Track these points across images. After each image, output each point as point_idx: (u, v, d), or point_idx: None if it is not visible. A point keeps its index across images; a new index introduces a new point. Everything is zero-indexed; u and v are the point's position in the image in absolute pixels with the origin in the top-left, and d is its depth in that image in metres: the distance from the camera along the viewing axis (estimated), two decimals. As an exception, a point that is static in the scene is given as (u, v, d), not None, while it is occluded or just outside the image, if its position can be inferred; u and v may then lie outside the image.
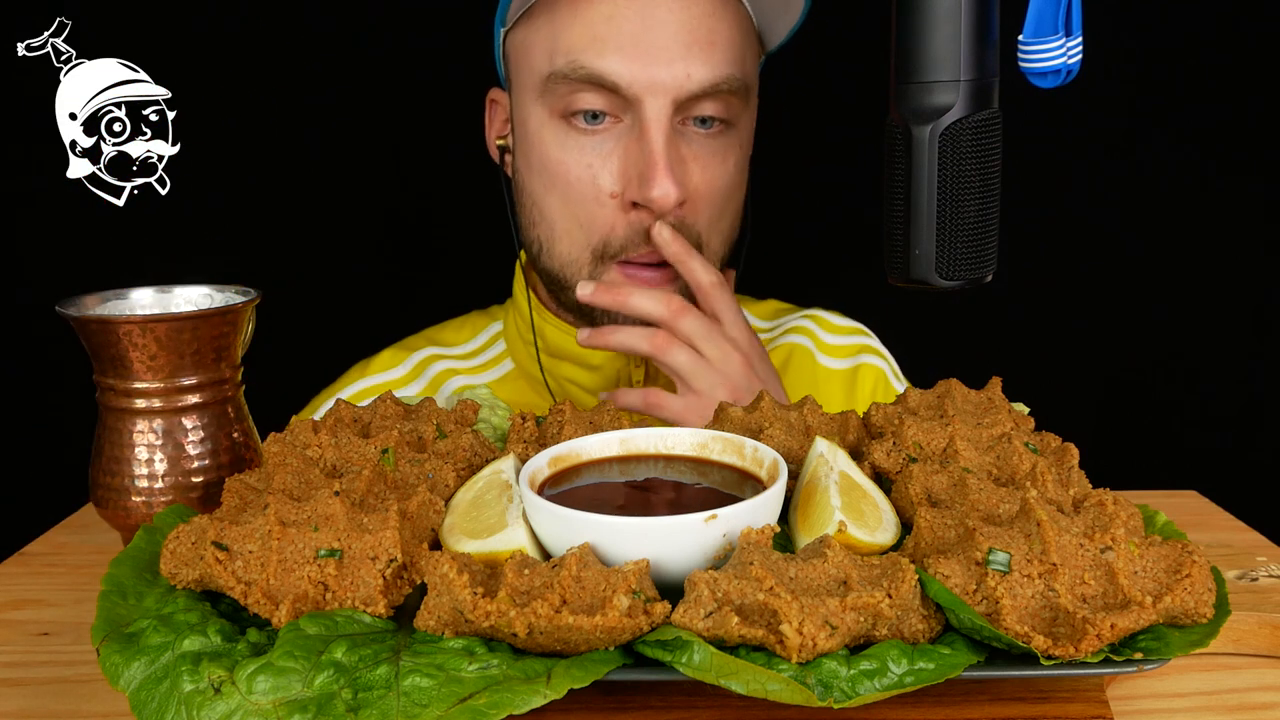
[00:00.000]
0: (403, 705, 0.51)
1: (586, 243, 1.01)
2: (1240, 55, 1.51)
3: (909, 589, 0.55)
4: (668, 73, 0.95)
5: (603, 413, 0.82)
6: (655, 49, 0.95)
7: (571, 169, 1.00)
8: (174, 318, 0.69)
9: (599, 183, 0.99)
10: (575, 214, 1.01)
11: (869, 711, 0.55)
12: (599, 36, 0.96)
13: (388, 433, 0.75)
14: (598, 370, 1.06)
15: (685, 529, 0.59)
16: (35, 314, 1.10)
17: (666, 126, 0.96)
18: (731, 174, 1.02)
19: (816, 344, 1.16)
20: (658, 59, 0.95)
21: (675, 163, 0.97)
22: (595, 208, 0.99)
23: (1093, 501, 0.63)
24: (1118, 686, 0.63)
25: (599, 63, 0.96)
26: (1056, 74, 0.70)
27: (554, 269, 1.04)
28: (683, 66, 0.95)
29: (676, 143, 0.98)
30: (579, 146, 0.99)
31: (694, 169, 0.99)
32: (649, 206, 0.97)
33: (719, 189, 1.01)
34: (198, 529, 0.61)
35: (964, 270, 0.73)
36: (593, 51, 0.96)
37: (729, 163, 1.01)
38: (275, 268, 1.48)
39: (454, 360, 1.16)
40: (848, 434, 0.80)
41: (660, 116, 0.96)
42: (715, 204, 1.01)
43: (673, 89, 0.96)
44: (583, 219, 1.01)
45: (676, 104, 0.96)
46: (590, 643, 0.54)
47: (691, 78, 0.96)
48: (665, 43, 0.95)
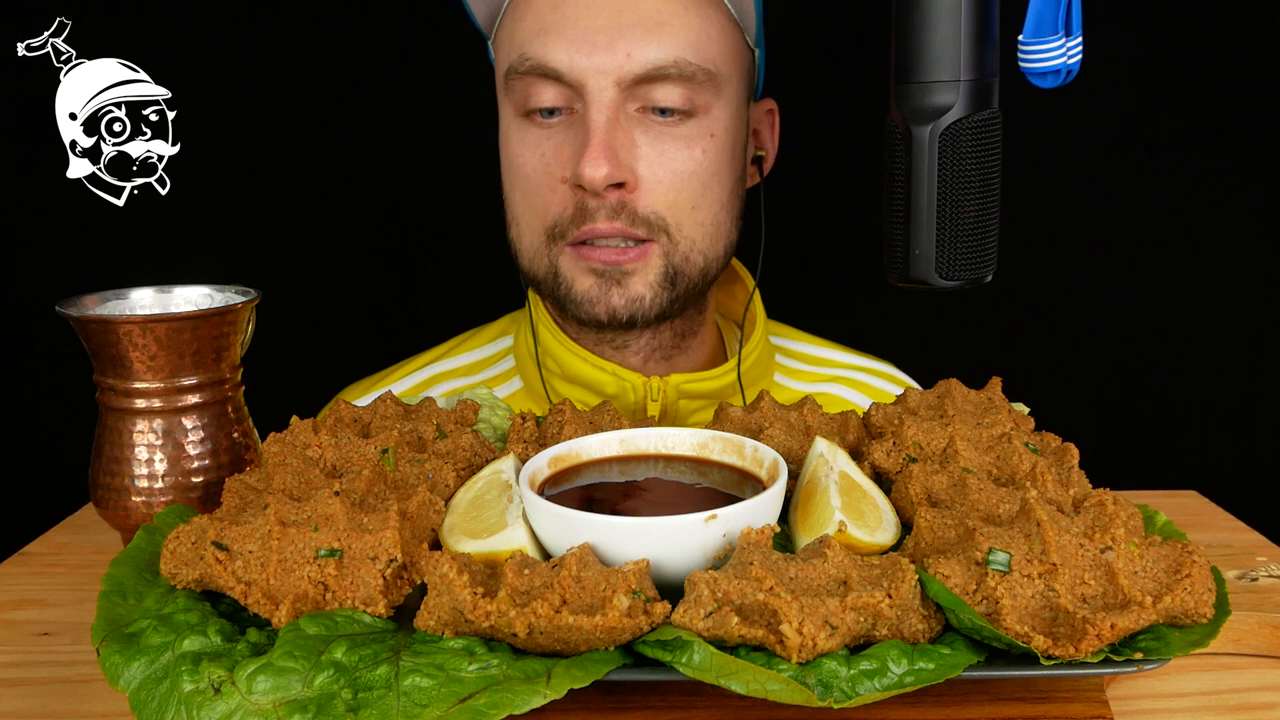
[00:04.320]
0: (403, 705, 0.51)
1: (541, 227, 1.00)
2: (1240, 55, 1.51)
3: (909, 589, 0.55)
4: (608, 55, 0.94)
5: (603, 413, 0.82)
6: (595, 31, 0.94)
7: (529, 161, 0.99)
8: (174, 318, 0.69)
9: (550, 170, 0.98)
10: (533, 205, 1.00)
11: (869, 711, 0.55)
12: (544, 26, 0.96)
13: (388, 433, 0.75)
14: (613, 400, 1.03)
15: (685, 529, 0.59)
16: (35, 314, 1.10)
17: (608, 107, 0.95)
18: (700, 161, 0.98)
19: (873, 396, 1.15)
20: (597, 43, 0.94)
21: (621, 144, 0.95)
22: (549, 194, 0.99)
23: (1093, 501, 0.63)
24: (1118, 686, 0.63)
25: (540, 51, 0.96)
26: (1056, 74, 0.70)
27: (525, 266, 1.03)
28: (623, 47, 0.94)
29: (627, 128, 0.96)
30: (534, 140, 0.99)
31: (650, 154, 0.97)
32: (582, 184, 0.95)
33: (684, 175, 0.98)
34: (198, 529, 0.61)
35: (964, 270, 0.73)
36: (538, 42, 0.96)
37: (695, 150, 0.98)
38: (275, 268, 1.48)
39: (458, 378, 1.14)
40: (848, 434, 0.80)
41: (601, 99, 0.95)
42: (681, 191, 0.98)
43: (613, 71, 0.94)
44: (538, 207, 1.00)
45: (621, 86, 0.95)
46: (590, 643, 0.54)
47: (632, 57, 0.94)
48: (605, 24, 0.94)
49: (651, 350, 1.05)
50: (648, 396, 1.03)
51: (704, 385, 1.04)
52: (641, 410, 1.03)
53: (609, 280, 0.98)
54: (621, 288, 0.98)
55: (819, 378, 1.16)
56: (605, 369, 1.02)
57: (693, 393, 1.03)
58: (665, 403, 1.03)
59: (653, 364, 1.06)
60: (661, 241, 0.98)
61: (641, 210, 0.97)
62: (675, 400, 1.03)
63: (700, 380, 1.03)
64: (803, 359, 1.18)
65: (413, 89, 1.52)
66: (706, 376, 1.03)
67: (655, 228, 0.97)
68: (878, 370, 1.18)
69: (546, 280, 1.01)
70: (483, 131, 1.15)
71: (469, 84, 1.19)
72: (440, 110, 1.48)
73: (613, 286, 0.98)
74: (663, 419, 1.04)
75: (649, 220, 0.97)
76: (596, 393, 1.04)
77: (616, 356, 1.05)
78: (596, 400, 1.04)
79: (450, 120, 1.47)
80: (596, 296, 0.98)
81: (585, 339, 1.05)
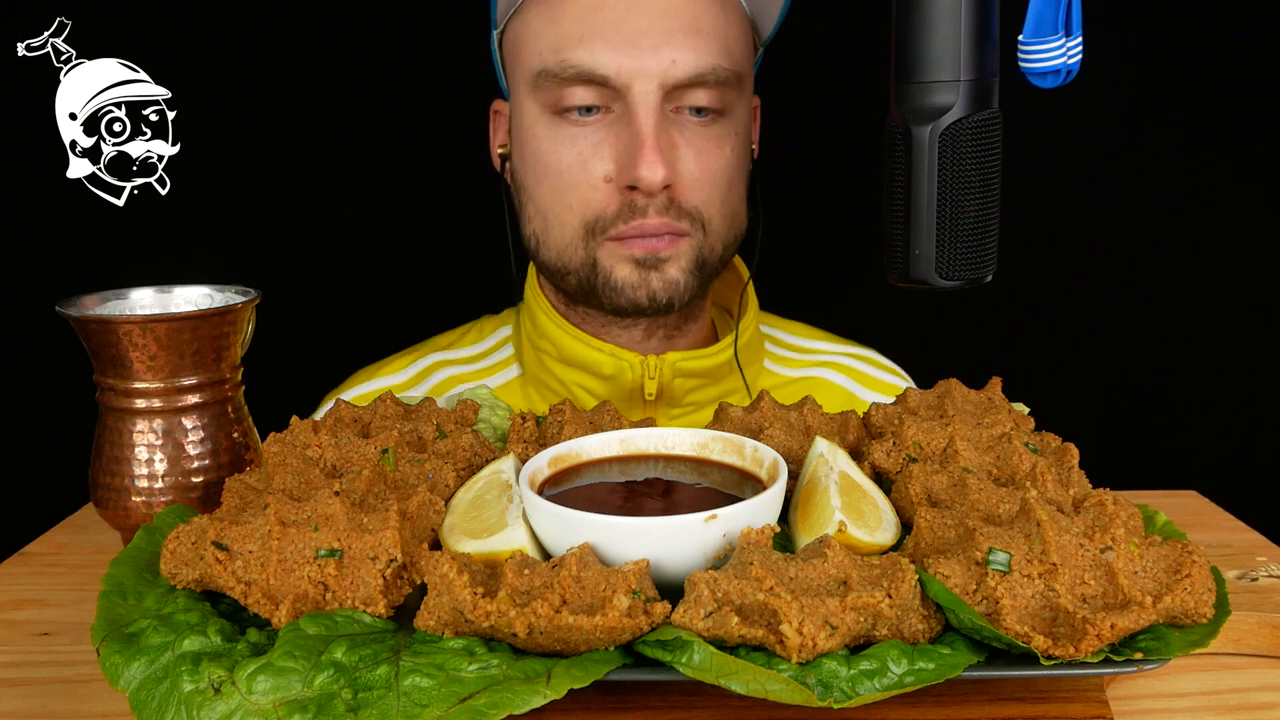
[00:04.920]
0: (403, 705, 0.51)
1: (579, 222, 1.02)
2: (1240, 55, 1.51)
3: (909, 589, 0.55)
4: (654, 59, 0.97)
5: (603, 413, 0.82)
6: (640, 36, 0.96)
7: (563, 158, 1.01)
8: (174, 318, 0.69)
9: (590, 168, 1.00)
10: (568, 200, 1.02)
11: (869, 711, 0.55)
12: (586, 29, 0.97)
13: (388, 433, 0.75)
14: (610, 380, 1.06)
15: (685, 529, 0.59)
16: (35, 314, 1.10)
17: (655, 110, 0.97)
18: (729, 159, 1.03)
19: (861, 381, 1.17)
20: (642, 46, 0.96)
21: (665, 146, 0.98)
22: (589, 192, 1.01)
23: (1093, 501, 0.63)
24: (1118, 686, 0.63)
25: (587, 58, 0.97)
26: (1056, 74, 0.70)
27: (550, 259, 1.05)
28: (668, 53, 0.97)
29: (668, 129, 0.99)
30: (571, 138, 1.01)
31: (688, 154, 1.00)
32: (638, 186, 0.98)
33: (717, 173, 1.02)
34: (198, 529, 0.61)
35: (964, 270, 0.73)
36: (582, 47, 0.97)
37: (725, 149, 1.02)
38: (275, 268, 1.48)
39: (459, 365, 1.16)
40: (848, 434, 0.80)
41: (648, 101, 0.97)
42: (716, 188, 1.02)
43: (658, 75, 0.97)
44: (575, 203, 1.02)
45: (664, 90, 0.97)
46: (590, 643, 0.54)
47: (677, 64, 0.97)
48: (649, 29, 0.97)
49: (655, 329, 1.08)
50: (644, 375, 1.05)
51: (700, 363, 1.06)
52: (639, 390, 1.06)
53: (647, 267, 1.02)
54: (660, 273, 1.02)
55: (806, 364, 1.19)
56: (603, 350, 1.05)
57: (688, 371, 1.06)
58: (662, 381, 1.06)
59: (653, 345, 1.09)
60: (696, 233, 1.02)
61: (686, 205, 1.01)
62: (671, 379, 1.05)
63: (696, 358, 1.06)
64: (791, 347, 1.21)
65: (413, 89, 1.52)
66: (702, 354, 1.06)
67: (695, 221, 1.02)
68: (864, 356, 1.21)
69: (580, 271, 1.04)
70: (483, 131, 1.15)
71: (469, 84, 1.19)
72: (440, 110, 1.48)
73: (651, 272, 1.02)
74: (660, 398, 1.07)
75: (691, 214, 1.01)
76: (594, 374, 1.06)
77: (619, 338, 1.08)
78: (594, 382, 1.07)
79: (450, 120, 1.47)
80: (638, 282, 1.02)
81: (589, 324, 1.08)
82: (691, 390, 1.07)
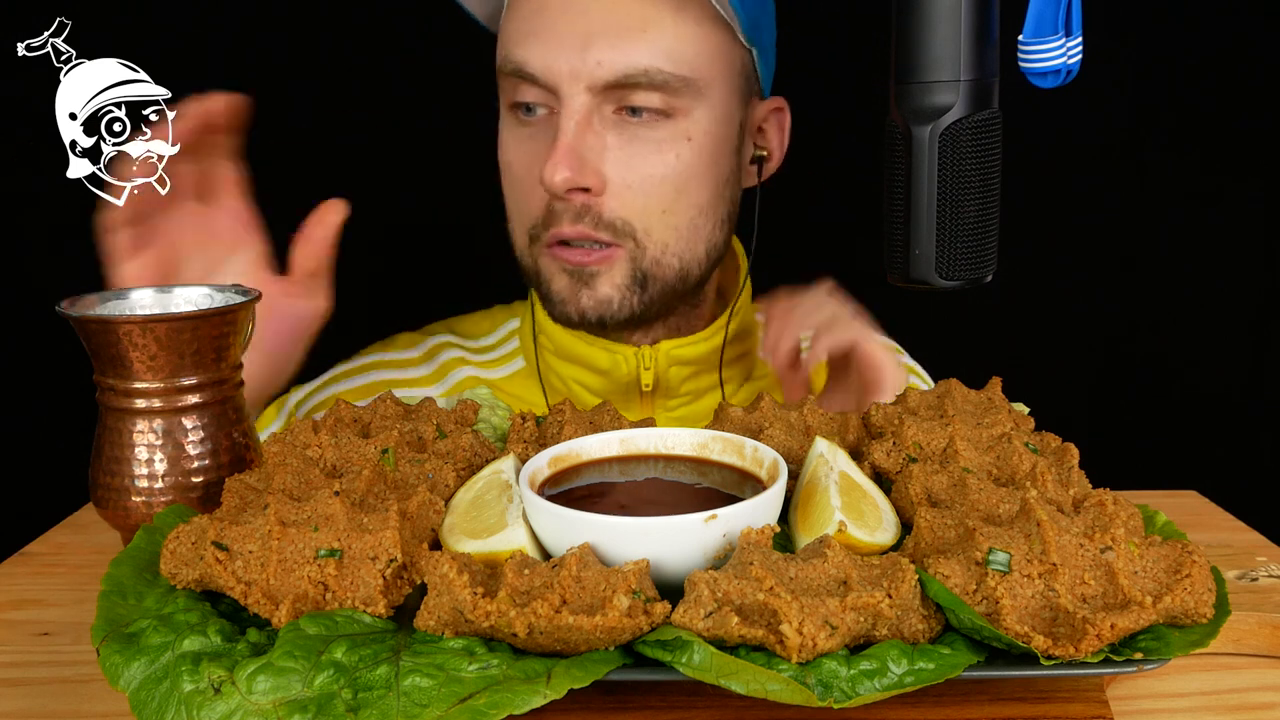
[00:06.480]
0: (403, 705, 0.51)
1: (524, 225, 1.02)
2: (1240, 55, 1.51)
3: (909, 589, 0.55)
4: (580, 60, 0.94)
5: (603, 413, 0.82)
6: (569, 37, 0.95)
7: (516, 159, 1.02)
8: (174, 318, 0.69)
9: (530, 170, 1.00)
10: (516, 201, 1.03)
11: (869, 711, 0.55)
12: (528, 28, 0.97)
13: (388, 433, 0.75)
14: (605, 375, 1.06)
15: (685, 529, 0.59)
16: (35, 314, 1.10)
17: (579, 113, 0.95)
18: (673, 165, 0.98)
19: None
20: (569, 47, 0.95)
21: (591, 149, 0.96)
22: (530, 193, 1.01)
23: (1093, 501, 0.63)
24: (1118, 686, 0.63)
25: (522, 56, 0.97)
26: (1056, 74, 0.70)
27: (518, 259, 1.06)
28: (595, 54, 0.94)
29: (600, 130, 0.97)
30: (519, 138, 1.01)
31: (619, 156, 0.97)
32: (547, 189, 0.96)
33: (653, 178, 0.98)
34: (198, 529, 0.61)
35: (964, 270, 0.73)
36: (521, 45, 0.97)
37: (668, 154, 0.98)
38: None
39: (467, 352, 1.17)
40: (848, 434, 0.80)
41: (572, 103, 0.96)
42: (651, 195, 0.98)
43: (584, 76, 0.95)
44: (520, 205, 1.02)
45: (593, 91, 0.95)
46: (590, 643, 0.54)
47: (603, 65, 0.94)
48: (581, 30, 0.95)
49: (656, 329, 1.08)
50: (640, 366, 1.05)
51: (691, 350, 1.06)
52: (635, 382, 1.06)
53: (579, 281, 1.00)
54: (590, 289, 1.00)
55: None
56: (596, 344, 1.05)
57: (682, 358, 1.06)
58: (657, 371, 1.05)
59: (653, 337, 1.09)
60: (628, 246, 0.99)
61: (606, 215, 0.98)
62: (667, 368, 1.05)
63: (687, 344, 1.06)
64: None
65: (413, 89, 1.52)
66: (693, 340, 1.06)
67: (621, 232, 0.99)
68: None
69: (531, 276, 1.05)
70: (483, 130, 1.15)
71: (469, 83, 1.19)
72: (440, 110, 1.48)
73: (582, 287, 1.00)
74: (656, 389, 1.07)
75: (614, 225, 0.98)
76: (591, 368, 1.06)
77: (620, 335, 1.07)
78: (592, 377, 1.07)
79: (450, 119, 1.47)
80: (568, 296, 1.01)
81: None
82: (688, 378, 1.07)
